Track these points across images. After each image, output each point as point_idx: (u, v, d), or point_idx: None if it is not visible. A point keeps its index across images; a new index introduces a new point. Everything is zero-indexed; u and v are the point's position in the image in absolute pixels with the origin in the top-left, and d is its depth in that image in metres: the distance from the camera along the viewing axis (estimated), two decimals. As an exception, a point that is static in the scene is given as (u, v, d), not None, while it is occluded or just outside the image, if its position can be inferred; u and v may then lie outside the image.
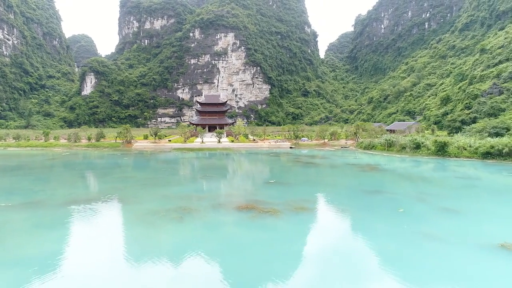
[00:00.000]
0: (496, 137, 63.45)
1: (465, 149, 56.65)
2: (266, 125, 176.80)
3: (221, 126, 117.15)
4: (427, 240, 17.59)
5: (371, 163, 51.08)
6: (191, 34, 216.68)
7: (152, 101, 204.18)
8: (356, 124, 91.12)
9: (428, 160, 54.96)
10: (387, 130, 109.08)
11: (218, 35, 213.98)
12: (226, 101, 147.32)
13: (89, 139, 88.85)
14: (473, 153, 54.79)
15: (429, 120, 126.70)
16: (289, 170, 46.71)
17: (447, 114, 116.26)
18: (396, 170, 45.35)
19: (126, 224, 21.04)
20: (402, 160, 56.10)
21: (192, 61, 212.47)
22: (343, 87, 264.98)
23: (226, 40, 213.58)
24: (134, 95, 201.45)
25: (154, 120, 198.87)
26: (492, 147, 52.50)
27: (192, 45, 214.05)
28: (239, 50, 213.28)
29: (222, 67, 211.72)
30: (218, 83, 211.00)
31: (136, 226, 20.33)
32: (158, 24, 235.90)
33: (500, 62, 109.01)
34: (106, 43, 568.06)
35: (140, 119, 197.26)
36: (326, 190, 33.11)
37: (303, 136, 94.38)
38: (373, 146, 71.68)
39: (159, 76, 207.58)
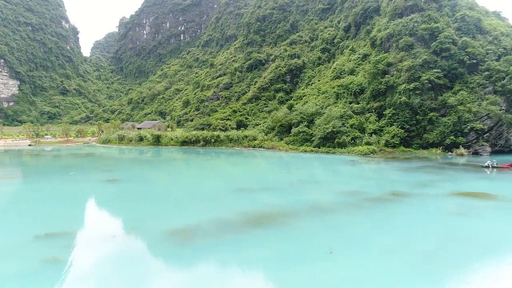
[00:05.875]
0: (201, 130, 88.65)
1: (172, 140, 77.82)
2: (15, 125, 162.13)
3: None
4: (105, 184, 31.60)
5: (92, 152, 63.65)
6: None
7: None
8: (99, 123, 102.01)
9: (144, 148, 72.57)
10: (138, 128, 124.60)
11: None
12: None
13: None
14: (177, 142, 76.32)
15: (174, 120, 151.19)
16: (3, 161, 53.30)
17: (186, 114, 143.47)
18: (105, 155, 59.70)
19: None
20: (127, 149, 71.24)
21: None
22: (108, 87, 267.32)
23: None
24: None
25: None
26: (187, 137, 75.33)
27: None
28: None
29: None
30: None
31: None
32: None
33: (220, 75, 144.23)
34: None
35: None
36: (32, 168, 43.39)
37: (46, 134, 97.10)
38: (109, 141, 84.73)
39: None
